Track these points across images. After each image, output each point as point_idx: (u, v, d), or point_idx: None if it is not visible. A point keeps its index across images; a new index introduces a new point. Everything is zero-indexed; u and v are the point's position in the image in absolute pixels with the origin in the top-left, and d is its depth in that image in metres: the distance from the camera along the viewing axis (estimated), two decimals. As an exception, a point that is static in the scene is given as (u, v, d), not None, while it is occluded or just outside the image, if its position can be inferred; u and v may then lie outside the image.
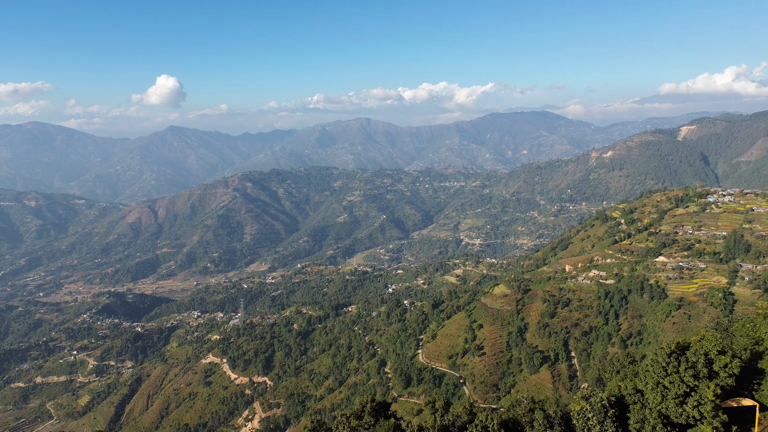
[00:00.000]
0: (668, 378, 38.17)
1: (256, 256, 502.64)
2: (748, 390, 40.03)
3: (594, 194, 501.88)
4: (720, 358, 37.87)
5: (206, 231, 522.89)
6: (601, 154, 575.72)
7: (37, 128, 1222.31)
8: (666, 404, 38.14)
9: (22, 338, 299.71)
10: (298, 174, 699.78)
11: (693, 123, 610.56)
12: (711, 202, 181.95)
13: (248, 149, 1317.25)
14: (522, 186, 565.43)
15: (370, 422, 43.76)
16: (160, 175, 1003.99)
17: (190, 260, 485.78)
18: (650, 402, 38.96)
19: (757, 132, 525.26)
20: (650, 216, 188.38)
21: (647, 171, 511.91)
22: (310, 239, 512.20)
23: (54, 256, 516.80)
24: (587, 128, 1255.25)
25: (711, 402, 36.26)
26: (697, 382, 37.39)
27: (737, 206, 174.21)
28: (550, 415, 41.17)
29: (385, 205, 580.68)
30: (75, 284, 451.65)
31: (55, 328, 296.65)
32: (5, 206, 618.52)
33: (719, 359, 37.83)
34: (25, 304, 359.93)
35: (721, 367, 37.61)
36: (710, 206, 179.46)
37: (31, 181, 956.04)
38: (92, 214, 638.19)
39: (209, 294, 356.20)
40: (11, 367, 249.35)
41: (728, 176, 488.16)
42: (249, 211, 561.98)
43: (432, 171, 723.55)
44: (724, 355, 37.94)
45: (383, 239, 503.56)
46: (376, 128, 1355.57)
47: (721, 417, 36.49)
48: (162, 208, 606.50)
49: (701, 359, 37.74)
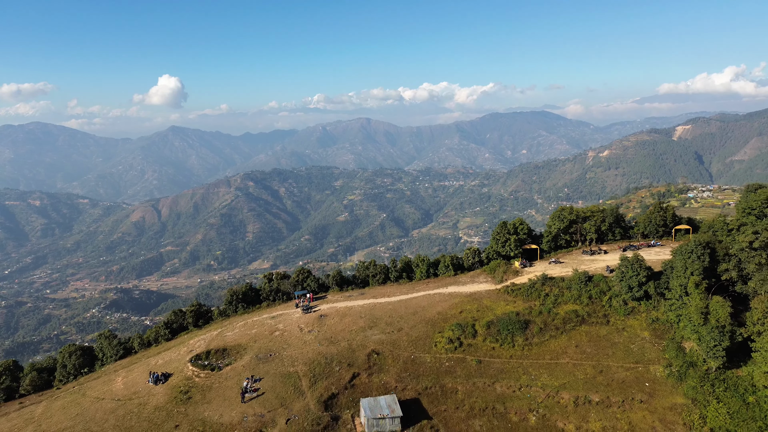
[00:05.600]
0: (498, 234, 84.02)
1: (258, 254, 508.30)
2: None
3: (590, 192, 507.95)
4: (519, 226, 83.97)
5: (209, 229, 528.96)
6: (598, 154, 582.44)
7: (40, 128, 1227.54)
8: (497, 247, 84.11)
9: (32, 332, 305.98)
10: (299, 173, 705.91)
11: (688, 123, 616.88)
12: (691, 198, 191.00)
13: (249, 149, 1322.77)
14: (520, 185, 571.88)
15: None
16: (162, 174, 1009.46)
17: (193, 258, 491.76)
18: (492, 245, 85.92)
19: (751, 132, 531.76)
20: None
21: (642, 170, 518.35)
22: (311, 237, 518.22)
23: (59, 254, 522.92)
24: (586, 128, 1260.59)
25: (513, 244, 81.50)
26: (509, 235, 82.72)
27: (715, 201, 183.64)
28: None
29: (385, 204, 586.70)
30: (81, 281, 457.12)
31: (66, 323, 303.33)
32: (10, 205, 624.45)
33: (519, 227, 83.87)
34: (33, 300, 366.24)
35: (519, 230, 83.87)
36: (690, 201, 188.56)
37: (34, 181, 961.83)
38: (96, 213, 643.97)
39: (213, 290, 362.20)
40: (24, 359, 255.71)
41: (722, 175, 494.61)
42: (251, 210, 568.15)
43: (432, 170, 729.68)
44: (521, 225, 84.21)
45: (383, 237, 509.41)
46: (377, 128, 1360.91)
47: (520, 251, 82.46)
48: (165, 207, 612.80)
49: (511, 227, 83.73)
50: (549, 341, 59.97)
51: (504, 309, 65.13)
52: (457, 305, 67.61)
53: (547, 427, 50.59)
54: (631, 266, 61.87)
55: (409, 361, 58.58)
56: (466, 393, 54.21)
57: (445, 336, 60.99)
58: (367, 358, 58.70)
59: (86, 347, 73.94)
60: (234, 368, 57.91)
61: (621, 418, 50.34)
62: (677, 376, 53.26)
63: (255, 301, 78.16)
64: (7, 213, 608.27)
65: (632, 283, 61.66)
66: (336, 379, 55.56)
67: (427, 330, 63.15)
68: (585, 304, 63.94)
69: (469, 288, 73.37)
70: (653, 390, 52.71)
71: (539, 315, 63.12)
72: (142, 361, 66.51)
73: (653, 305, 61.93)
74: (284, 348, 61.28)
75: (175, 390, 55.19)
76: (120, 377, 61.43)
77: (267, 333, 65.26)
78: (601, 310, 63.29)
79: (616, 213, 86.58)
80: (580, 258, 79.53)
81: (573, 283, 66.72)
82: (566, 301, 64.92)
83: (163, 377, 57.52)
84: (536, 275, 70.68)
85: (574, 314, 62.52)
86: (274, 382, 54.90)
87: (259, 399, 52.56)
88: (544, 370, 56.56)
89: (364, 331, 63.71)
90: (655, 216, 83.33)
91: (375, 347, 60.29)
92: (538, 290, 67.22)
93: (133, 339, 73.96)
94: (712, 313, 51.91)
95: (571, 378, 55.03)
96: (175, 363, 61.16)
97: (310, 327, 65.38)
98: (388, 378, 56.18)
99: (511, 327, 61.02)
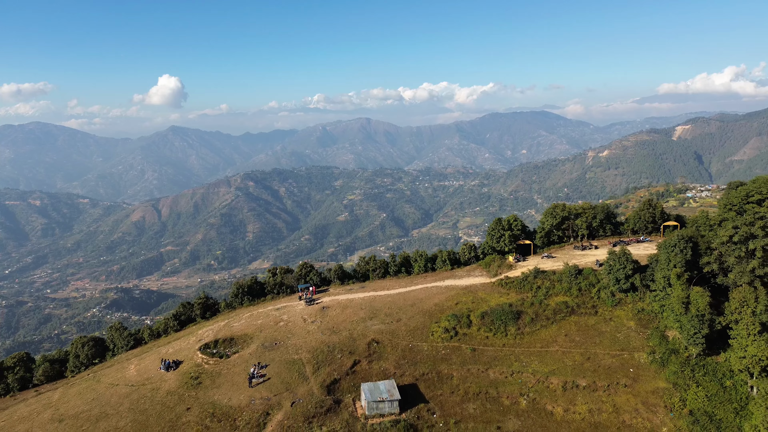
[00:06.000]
0: (493, 230, 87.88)
1: (258, 254, 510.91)
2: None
3: (590, 192, 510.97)
4: (513, 222, 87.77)
5: (209, 229, 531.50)
6: (598, 154, 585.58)
7: (40, 128, 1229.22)
8: (493, 243, 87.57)
9: (33, 332, 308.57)
10: (299, 173, 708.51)
11: (688, 123, 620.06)
12: (689, 197, 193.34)
13: (249, 149, 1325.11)
14: (520, 185, 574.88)
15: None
16: (161, 174, 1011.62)
17: (194, 258, 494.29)
18: (487, 241, 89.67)
19: (750, 131, 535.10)
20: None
21: (642, 170, 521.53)
22: (311, 237, 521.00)
23: (60, 254, 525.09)
24: (586, 128, 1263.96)
25: (508, 239, 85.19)
26: (503, 231, 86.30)
27: (713, 201, 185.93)
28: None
29: (385, 204, 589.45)
30: (81, 281, 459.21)
31: (66, 322, 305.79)
32: (10, 205, 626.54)
33: (513, 223, 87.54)
34: (34, 299, 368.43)
35: (513, 226, 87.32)
36: (688, 200, 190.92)
37: (34, 181, 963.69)
38: (96, 213, 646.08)
39: (214, 290, 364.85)
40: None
41: (721, 174, 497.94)
42: (251, 210, 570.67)
43: (432, 170, 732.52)
44: (515, 221, 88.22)
45: (383, 237, 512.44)
46: (377, 128, 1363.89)
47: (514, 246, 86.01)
48: (165, 206, 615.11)
49: (505, 223, 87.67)
50: (540, 330, 63.18)
51: (498, 300, 68.33)
52: (453, 297, 70.77)
53: (537, 409, 53.77)
54: (618, 260, 65.05)
55: (407, 349, 61.74)
56: (460, 379, 57.39)
57: (442, 326, 64.14)
58: (367, 347, 61.85)
59: (98, 338, 77.11)
60: (241, 356, 61.05)
61: (606, 401, 53.54)
62: (660, 362, 56.44)
63: (260, 294, 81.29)
64: (8, 213, 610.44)
65: (619, 276, 64.84)
66: (338, 365, 58.70)
67: (425, 320, 66.31)
68: (575, 296, 67.16)
69: (465, 281, 76.57)
70: (637, 375, 55.90)
71: (531, 306, 66.34)
72: (153, 350, 69.65)
73: (639, 296, 65.13)
74: (289, 337, 64.42)
75: (185, 376, 58.30)
76: (133, 365, 64.55)
77: (272, 323, 68.41)
78: (590, 301, 66.53)
79: (606, 210, 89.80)
80: (571, 253, 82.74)
81: (564, 276, 69.93)
82: (557, 293, 68.14)
83: (174, 364, 60.61)
84: (529, 269, 73.91)
85: (564, 305, 65.73)
86: (279, 369, 58.03)
87: (266, 384, 55.68)
88: (534, 357, 59.75)
89: (364, 322, 66.84)
90: (644, 213, 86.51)
91: (375, 336, 63.43)
92: (530, 283, 70.44)
93: (143, 330, 77.06)
94: (693, 303, 55.06)
95: (560, 364, 58.22)
96: (185, 351, 64.30)
97: (313, 318, 68.51)
98: (388, 365, 59.32)
99: (504, 317, 64.17)
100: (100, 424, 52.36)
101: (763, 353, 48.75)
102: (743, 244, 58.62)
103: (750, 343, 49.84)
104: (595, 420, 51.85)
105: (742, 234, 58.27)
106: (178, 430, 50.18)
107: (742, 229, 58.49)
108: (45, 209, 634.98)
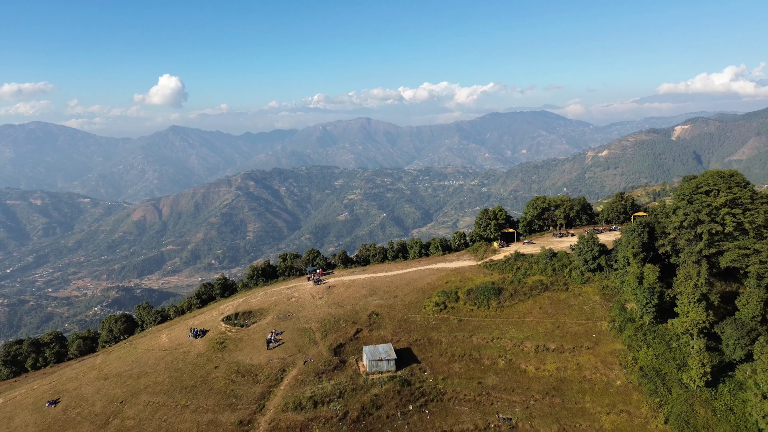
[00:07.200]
0: (480, 220, 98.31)
1: (259, 253, 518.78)
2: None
3: (589, 192, 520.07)
4: (498, 212, 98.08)
5: (210, 229, 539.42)
6: (597, 153, 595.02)
7: (40, 128, 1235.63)
8: (480, 231, 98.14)
9: (35, 330, 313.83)
10: (299, 173, 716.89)
11: (687, 123, 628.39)
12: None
13: (249, 149, 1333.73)
14: (519, 184, 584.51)
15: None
16: (162, 174, 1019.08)
17: (194, 257, 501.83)
18: (475, 230, 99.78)
19: (749, 131, 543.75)
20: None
21: (641, 169, 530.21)
22: (311, 236, 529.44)
23: (61, 253, 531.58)
24: (586, 128, 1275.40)
25: (493, 228, 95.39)
26: (489, 221, 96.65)
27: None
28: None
29: (385, 204, 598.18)
30: (82, 280, 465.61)
31: (68, 321, 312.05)
32: (11, 205, 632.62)
33: (499, 213, 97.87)
34: (36, 298, 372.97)
35: (498, 216, 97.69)
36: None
37: (34, 180, 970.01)
38: (97, 212, 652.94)
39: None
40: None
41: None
42: (252, 209, 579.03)
43: (432, 170, 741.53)
44: (500, 212, 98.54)
45: (383, 236, 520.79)
46: (377, 128, 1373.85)
47: (499, 234, 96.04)
48: (166, 206, 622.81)
49: (491, 214, 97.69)
50: (518, 304, 72.72)
51: (482, 279, 77.88)
52: (443, 277, 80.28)
53: (513, 368, 63.28)
54: (587, 243, 74.57)
55: (403, 320, 71.21)
56: (448, 344, 66.87)
57: (433, 300, 73.63)
58: (368, 318, 71.31)
59: (128, 315, 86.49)
60: (259, 325, 70.47)
61: (571, 360, 63.07)
62: (618, 329, 65.98)
63: (272, 276, 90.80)
64: (9, 212, 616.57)
65: (587, 257, 74.36)
66: (343, 333, 68.15)
67: (418, 296, 75.80)
68: (549, 275, 76.71)
69: (455, 264, 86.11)
70: (598, 340, 65.44)
71: (511, 284, 75.92)
72: (180, 323, 79.00)
73: (605, 275, 74.69)
74: (300, 310, 73.86)
75: (212, 342, 67.69)
76: (164, 334, 73.90)
77: (285, 299, 77.84)
78: (562, 279, 76.08)
79: (583, 202, 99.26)
80: (550, 240, 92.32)
81: (540, 258, 79.46)
82: (534, 273, 77.70)
83: (201, 332, 69.98)
84: (510, 253, 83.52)
85: (540, 283, 75.30)
86: (293, 335, 67.47)
87: (281, 347, 65.09)
88: (512, 326, 69.27)
89: (365, 298, 76.30)
90: (617, 204, 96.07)
91: (375, 310, 72.89)
92: (511, 264, 80.00)
93: (169, 308, 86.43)
94: (645, 278, 64.60)
95: (533, 332, 67.74)
96: (210, 322, 73.71)
97: (321, 294, 77.96)
98: (386, 333, 68.79)
99: (487, 293, 73.67)
100: (142, 380, 61.66)
101: (700, 317, 58.31)
102: (692, 228, 68.18)
103: (691, 309, 59.33)
104: (561, 376, 61.31)
105: (691, 220, 67.83)
106: (209, 383, 59.50)
107: (691, 215, 68.07)
108: (46, 209, 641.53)
